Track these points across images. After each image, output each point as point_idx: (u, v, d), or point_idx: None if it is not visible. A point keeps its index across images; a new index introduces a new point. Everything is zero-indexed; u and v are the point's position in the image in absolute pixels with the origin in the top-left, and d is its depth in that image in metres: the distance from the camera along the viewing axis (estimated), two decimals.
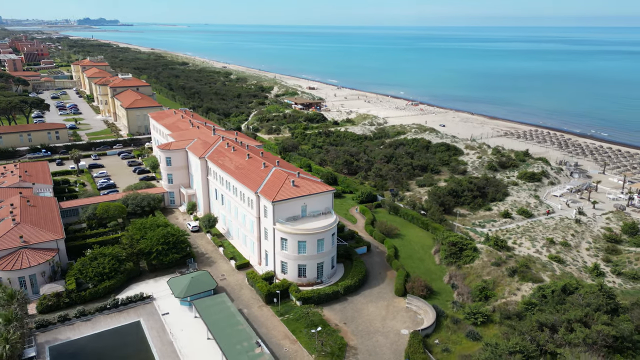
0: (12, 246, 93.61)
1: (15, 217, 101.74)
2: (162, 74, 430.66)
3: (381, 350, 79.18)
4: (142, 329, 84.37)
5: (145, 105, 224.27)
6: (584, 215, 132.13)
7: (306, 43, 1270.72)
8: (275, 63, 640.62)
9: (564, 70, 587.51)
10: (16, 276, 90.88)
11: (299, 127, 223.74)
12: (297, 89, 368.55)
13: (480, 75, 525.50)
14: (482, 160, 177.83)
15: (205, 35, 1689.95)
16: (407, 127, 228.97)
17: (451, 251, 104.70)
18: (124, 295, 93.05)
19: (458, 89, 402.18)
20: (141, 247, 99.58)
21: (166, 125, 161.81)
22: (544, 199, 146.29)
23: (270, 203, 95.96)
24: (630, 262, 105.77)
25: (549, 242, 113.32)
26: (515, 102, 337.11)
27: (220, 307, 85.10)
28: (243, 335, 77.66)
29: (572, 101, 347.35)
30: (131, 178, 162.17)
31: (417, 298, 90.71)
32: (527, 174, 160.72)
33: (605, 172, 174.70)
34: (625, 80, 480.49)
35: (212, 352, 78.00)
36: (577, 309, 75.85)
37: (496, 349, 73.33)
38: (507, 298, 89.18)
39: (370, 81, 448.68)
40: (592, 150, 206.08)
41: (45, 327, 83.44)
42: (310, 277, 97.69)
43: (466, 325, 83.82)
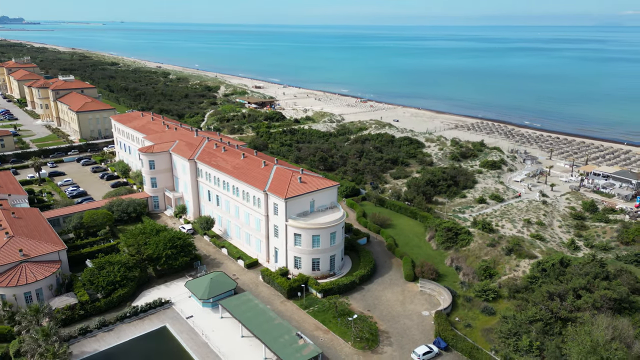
0: (11, 261, 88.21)
1: (6, 230, 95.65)
2: (95, 75, 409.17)
3: (410, 332, 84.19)
4: (171, 334, 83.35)
5: (97, 108, 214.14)
6: (546, 197, 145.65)
7: (235, 42, 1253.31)
8: (210, 62, 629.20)
9: (484, 66, 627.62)
10: (22, 292, 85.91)
11: (261, 126, 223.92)
12: (244, 88, 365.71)
13: (409, 72, 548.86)
14: (445, 151, 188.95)
15: (123, 34, 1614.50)
16: (366, 123, 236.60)
17: (447, 236, 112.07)
18: (139, 303, 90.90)
19: (393, 86, 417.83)
20: (149, 252, 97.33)
21: (136, 127, 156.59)
22: (508, 184, 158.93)
23: (283, 200, 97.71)
24: (598, 236, 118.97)
25: (527, 223, 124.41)
26: (451, 97, 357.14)
27: (248, 305, 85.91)
28: (281, 329, 79.38)
29: (500, 95, 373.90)
30: (100, 185, 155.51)
31: (429, 281, 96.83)
32: (489, 162, 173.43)
33: (552, 158, 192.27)
34: (537, 75, 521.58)
35: (251, 349, 79.11)
36: (579, 278, 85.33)
37: (515, 319, 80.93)
38: (509, 274, 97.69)
39: (308, 79, 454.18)
40: (534, 139, 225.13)
41: (66, 341, 79.90)
42: (324, 270, 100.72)
43: (479, 302, 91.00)
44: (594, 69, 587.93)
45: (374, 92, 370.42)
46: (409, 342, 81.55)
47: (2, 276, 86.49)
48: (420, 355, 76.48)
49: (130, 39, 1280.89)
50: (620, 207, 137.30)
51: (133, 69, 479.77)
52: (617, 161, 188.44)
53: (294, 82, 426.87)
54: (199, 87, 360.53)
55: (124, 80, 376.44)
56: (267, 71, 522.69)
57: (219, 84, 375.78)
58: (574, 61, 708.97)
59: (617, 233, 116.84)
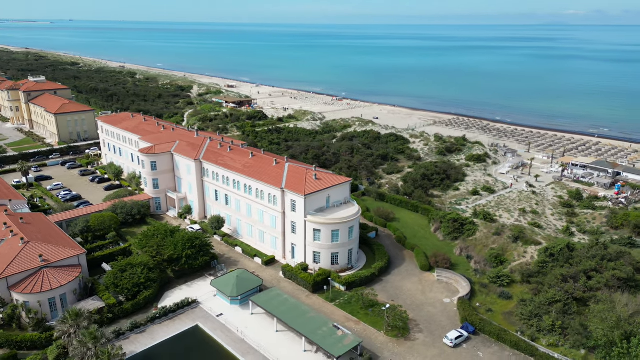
0: (31, 267, 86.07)
1: (20, 235, 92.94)
2: (57, 75, 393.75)
3: (436, 318, 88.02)
4: (205, 332, 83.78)
5: (76, 110, 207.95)
6: (533, 187, 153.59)
7: (192, 40, 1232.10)
8: (172, 61, 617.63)
9: (448, 64, 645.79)
10: (46, 298, 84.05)
11: (246, 125, 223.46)
12: (216, 87, 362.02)
13: (375, 70, 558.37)
14: (430, 147, 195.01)
15: (74, 32, 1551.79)
16: (349, 120, 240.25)
17: (454, 227, 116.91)
18: (164, 304, 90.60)
19: (362, 84, 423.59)
20: (170, 253, 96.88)
21: (128, 129, 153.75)
22: (495, 176, 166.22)
23: (302, 197, 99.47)
24: (589, 222, 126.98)
25: (522, 212, 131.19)
26: (421, 94, 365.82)
27: (279, 300, 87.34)
28: (318, 321, 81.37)
29: (467, 92, 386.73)
30: (91, 188, 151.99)
31: (445, 270, 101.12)
32: (474, 156, 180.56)
33: (530, 151, 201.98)
34: (498, 72, 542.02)
35: (288, 343, 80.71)
36: (589, 261, 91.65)
37: (533, 302, 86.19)
38: (519, 261, 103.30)
39: (277, 78, 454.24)
40: (509, 133, 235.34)
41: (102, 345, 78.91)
42: (342, 264, 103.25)
43: (495, 288, 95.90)
44: (549, 66, 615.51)
45: (345, 90, 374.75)
46: (437, 328, 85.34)
47: (23, 283, 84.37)
48: (453, 339, 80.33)
49: (82, 38, 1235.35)
50: (603, 195, 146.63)
51: (96, 69, 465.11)
52: (589, 152, 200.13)
53: (261, 81, 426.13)
54: (171, 86, 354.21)
55: (90, 81, 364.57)
56: (232, 70, 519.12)
57: (190, 84, 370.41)
58: (529, 58, 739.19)
59: (607, 219, 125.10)
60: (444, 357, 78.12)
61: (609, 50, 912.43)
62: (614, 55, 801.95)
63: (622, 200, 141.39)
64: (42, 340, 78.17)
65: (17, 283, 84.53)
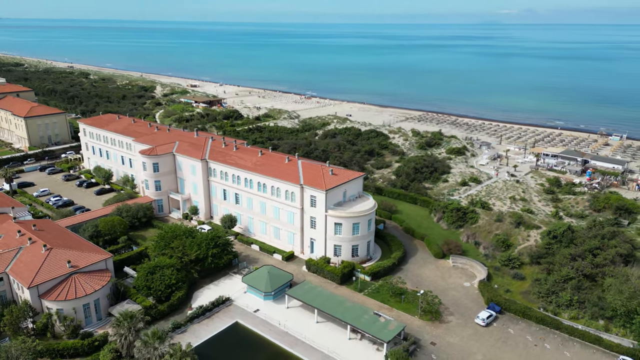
0: (61, 274, 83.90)
1: (42, 242, 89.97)
2: (4, 77, 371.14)
3: (461, 301, 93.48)
4: (247, 328, 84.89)
5: (46, 112, 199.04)
6: (515, 176, 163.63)
7: (138, 39, 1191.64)
8: (122, 61, 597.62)
9: (401, 62, 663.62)
10: (81, 304, 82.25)
11: (225, 125, 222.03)
12: (180, 87, 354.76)
13: (329, 68, 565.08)
14: (410, 141, 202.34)
15: (3, 32, 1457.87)
16: (326, 118, 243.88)
17: (458, 216, 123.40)
18: (197, 303, 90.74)
19: (321, 83, 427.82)
20: (196, 253, 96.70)
21: (118, 131, 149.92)
22: (477, 168, 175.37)
23: (323, 192, 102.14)
24: (572, 206, 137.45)
25: (513, 199, 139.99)
26: (384, 92, 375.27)
27: (314, 293, 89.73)
28: (358, 310, 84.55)
29: (424, 88, 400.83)
30: (81, 193, 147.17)
31: (460, 256, 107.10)
32: (454, 149, 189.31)
33: (502, 143, 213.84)
34: (450, 69, 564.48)
35: (332, 332, 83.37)
36: (592, 240, 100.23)
37: (547, 281, 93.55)
38: (524, 244, 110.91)
39: (237, 77, 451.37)
40: (478, 127, 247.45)
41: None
42: (362, 255, 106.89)
43: (507, 270, 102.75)
44: (494, 63, 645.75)
45: (306, 89, 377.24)
46: (465, 310, 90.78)
47: (54, 290, 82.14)
48: (485, 319, 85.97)
49: (14, 37, 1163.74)
50: (579, 181, 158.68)
51: (44, 70, 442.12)
52: (554, 143, 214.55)
53: (222, 80, 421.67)
54: (132, 87, 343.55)
55: (43, 82, 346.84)
56: (188, 69, 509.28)
57: (151, 84, 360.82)
58: (474, 56, 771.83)
59: (589, 202, 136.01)
60: (479, 336, 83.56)
61: (543, 48, 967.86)
62: (549, 52, 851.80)
63: (595, 186, 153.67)
64: (84, 347, 76.59)
65: (47, 291, 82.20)
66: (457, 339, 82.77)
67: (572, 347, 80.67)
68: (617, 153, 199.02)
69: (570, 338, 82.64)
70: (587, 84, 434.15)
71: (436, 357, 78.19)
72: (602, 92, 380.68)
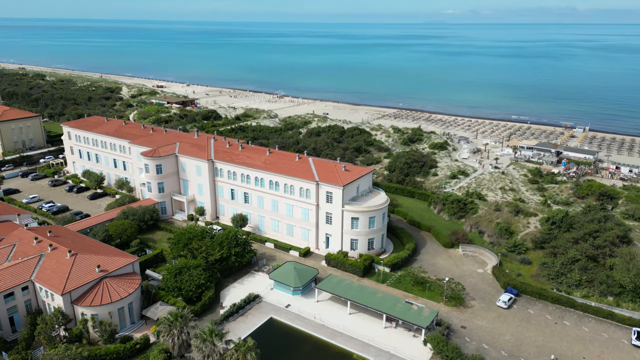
0: (92, 278, 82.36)
1: (60, 248, 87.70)
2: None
3: (479, 286, 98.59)
4: (283, 323, 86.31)
5: (19, 116, 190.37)
6: (498, 168, 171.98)
7: (87, 39, 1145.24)
8: (73, 61, 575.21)
9: (353, 61, 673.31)
10: (116, 308, 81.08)
11: (206, 125, 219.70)
12: (145, 87, 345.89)
13: (286, 67, 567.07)
14: (393, 138, 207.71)
15: None
16: (306, 117, 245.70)
17: (459, 207, 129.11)
18: (227, 302, 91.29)
19: (286, 82, 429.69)
20: (220, 253, 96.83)
21: (110, 133, 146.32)
22: (461, 161, 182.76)
23: (340, 188, 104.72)
24: (557, 194, 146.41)
25: (503, 190, 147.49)
26: (355, 90, 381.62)
27: (343, 285, 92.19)
28: (390, 300, 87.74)
29: (393, 86, 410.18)
30: (73, 199, 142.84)
31: (469, 245, 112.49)
32: (437, 144, 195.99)
33: (478, 137, 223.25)
34: (410, 67, 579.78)
35: (367, 322, 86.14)
36: (591, 224, 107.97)
37: (555, 264, 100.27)
38: (525, 231, 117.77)
39: (198, 77, 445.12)
40: (451, 123, 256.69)
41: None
42: (377, 248, 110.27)
43: (514, 256, 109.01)
44: (451, 61, 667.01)
45: (274, 88, 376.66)
46: (485, 294, 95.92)
47: (88, 296, 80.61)
48: (506, 301, 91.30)
49: None
50: (557, 171, 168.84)
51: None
52: (526, 136, 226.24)
53: (181, 80, 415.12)
54: (97, 88, 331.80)
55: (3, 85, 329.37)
56: (146, 70, 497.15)
57: (116, 85, 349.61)
58: (430, 55, 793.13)
59: (572, 190, 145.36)
60: (503, 317, 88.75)
61: (493, 46, 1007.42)
62: (500, 50, 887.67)
63: (572, 175, 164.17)
64: (126, 351, 75.77)
65: (79, 297, 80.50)
66: (484, 322, 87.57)
67: (588, 323, 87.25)
68: (584, 144, 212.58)
69: (585, 315, 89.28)
70: (540, 80, 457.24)
71: (469, 339, 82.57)
72: (555, 88, 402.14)
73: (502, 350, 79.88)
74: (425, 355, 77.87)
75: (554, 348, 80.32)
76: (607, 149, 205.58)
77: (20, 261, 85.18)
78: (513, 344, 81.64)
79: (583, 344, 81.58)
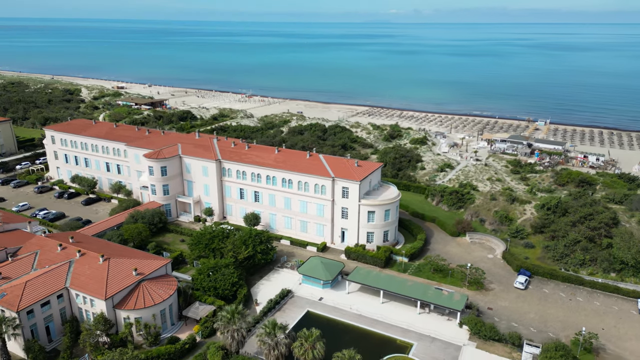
0: (131, 282, 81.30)
1: (91, 254, 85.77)
2: None
3: (493, 271, 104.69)
4: (321, 315, 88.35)
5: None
6: (479, 160, 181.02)
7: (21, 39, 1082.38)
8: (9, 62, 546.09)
9: (313, 60, 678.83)
10: (159, 310, 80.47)
11: (185, 126, 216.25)
12: (107, 89, 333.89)
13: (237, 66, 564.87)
14: (374, 134, 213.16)
15: None
16: (283, 116, 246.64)
17: (457, 198, 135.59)
18: (260, 298, 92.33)
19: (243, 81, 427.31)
20: (247, 251, 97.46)
21: (101, 136, 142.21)
22: (443, 155, 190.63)
23: (357, 183, 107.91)
24: (539, 182, 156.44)
25: (490, 180, 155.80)
26: (317, 89, 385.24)
27: (372, 276, 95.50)
28: (420, 288, 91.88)
29: (356, 84, 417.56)
30: (66, 205, 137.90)
31: (475, 233, 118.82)
32: (417, 139, 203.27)
33: (452, 132, 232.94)
34: (365, 67, 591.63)
35: (400, 310, 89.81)
36: (584, 208, 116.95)
37: (557, 246, 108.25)
38: (522, 217, 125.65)
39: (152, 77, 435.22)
40: (423, 119, 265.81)
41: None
42: (391, 240, 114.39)
43: (517, 241, 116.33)
44: (404, 60, 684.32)
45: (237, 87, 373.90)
46: (501, 278, 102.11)
47: (129, 299, 79.61)
48: (523, 282, 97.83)
49: None
50: (534, 161, 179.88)
51: None
52: (496, 130, 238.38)
53: (144, 81, 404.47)
54: (54, 90, 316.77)
55: None
56: (96, 70, 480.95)
57: (73, 87, 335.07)
58: (383, 54, 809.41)
59: (553, 179, 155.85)
60: (523, 297, 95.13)
61: (441, 45, 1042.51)
62: (448, 49, 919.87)
63: (547, 164, 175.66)
64: (177, 352, 75.54)
65: (121, 301, 79.25)
66: (507, 302, 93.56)
67: (598, 298, 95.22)
68: (549, 136, 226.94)
69: (593, 290, 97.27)
70: (493, 77, 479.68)
71: (498, 319, 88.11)
72: (509, 85, 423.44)
73: (531, 327, 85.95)
74: (463, 336, 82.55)
75: (575, 322, 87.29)
76: (571, 140, 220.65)
77: (50, 269, 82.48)
78: (539, 320, 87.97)
79: (599, 317, 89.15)
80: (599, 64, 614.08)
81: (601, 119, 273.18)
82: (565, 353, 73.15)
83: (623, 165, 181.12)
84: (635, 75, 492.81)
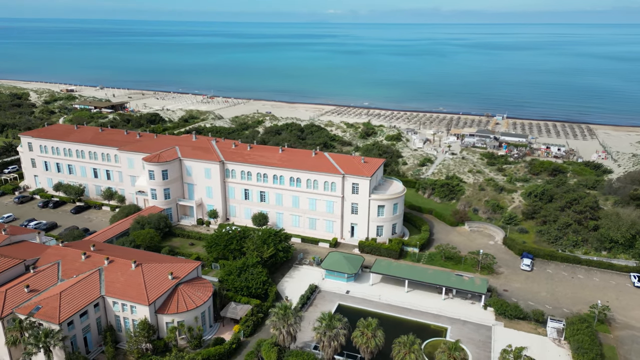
0: (169, 286, 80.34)
1: (120, 260, 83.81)
2: None
3: (498, 255, 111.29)
4: (353, 307, 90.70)
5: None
6: (454, 154, 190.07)
7: None
8: None
9: (261, 61, 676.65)
10: (200, 312, 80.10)
11: (157, 129, 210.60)
12: (56, 93, 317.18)
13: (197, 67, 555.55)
14: (350, 132, 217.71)
15: None
16: (255, 116, 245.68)
17: (449, 189, 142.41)
18: (290, 294, 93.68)
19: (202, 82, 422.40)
20: (270, 250, 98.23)
21: (88, 141, 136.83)
22: (420, 150, 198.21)
23: (368, 179, 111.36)
24: (516, 173, 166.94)
25: (472, 172, 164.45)
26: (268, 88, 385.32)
27: (394, 267, 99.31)
28: (442, 275, 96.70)
29: (313, 84, 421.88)
30: (54, 215, 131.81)
31: (473, 222, 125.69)
32: (393, 136, 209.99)
33: (421, 129, 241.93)
34: (318, 67, 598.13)
35: (424, 297, 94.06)
36: (569, 194, 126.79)
37: (549, 230, 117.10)
38: (512, 205, 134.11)
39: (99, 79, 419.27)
40: (389, 116, 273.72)
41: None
42: (399, 232, 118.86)
43: (511, 227, 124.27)
44: (352, 60, 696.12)
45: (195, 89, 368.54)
46: (506, 262, 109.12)
47: (169, 303, 78.76)
48: (529, 264, 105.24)
49: None
50: (502, 153, 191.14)
51: None
52: (461, 125, 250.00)
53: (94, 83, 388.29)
54: (1, 95, 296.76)
55: None
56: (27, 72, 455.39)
57: (18, 91, 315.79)
58: (330, 54, 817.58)
59: (527, 168, 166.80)
60: (531, 278, 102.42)
61: (383, 45, 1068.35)
62: (391, 49, 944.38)
63: (516, 155, 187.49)
64: (226, 352, 75.70)
65: (161, 306, 78.12)
66: (518, 284, 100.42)
67: (596, 274, 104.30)
68: (510, 130, 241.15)
69: (590, 268, 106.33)
70: (441, 75, 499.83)
71: (515, 299, 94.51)
72: (458, 83, 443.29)
73: (546, 304, 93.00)
74: (490, 317, 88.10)
75: (582, 297, 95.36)
76: (530, 133, 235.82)
77: (80, 278, 79.63)
78: (551, 298, 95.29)
79: (600, 291, 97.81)
80: (535, 62, 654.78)
81: (550, 113, 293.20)
82: (590, 324, 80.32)
83: (582, 154, 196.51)
84: (570, 72, 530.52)
